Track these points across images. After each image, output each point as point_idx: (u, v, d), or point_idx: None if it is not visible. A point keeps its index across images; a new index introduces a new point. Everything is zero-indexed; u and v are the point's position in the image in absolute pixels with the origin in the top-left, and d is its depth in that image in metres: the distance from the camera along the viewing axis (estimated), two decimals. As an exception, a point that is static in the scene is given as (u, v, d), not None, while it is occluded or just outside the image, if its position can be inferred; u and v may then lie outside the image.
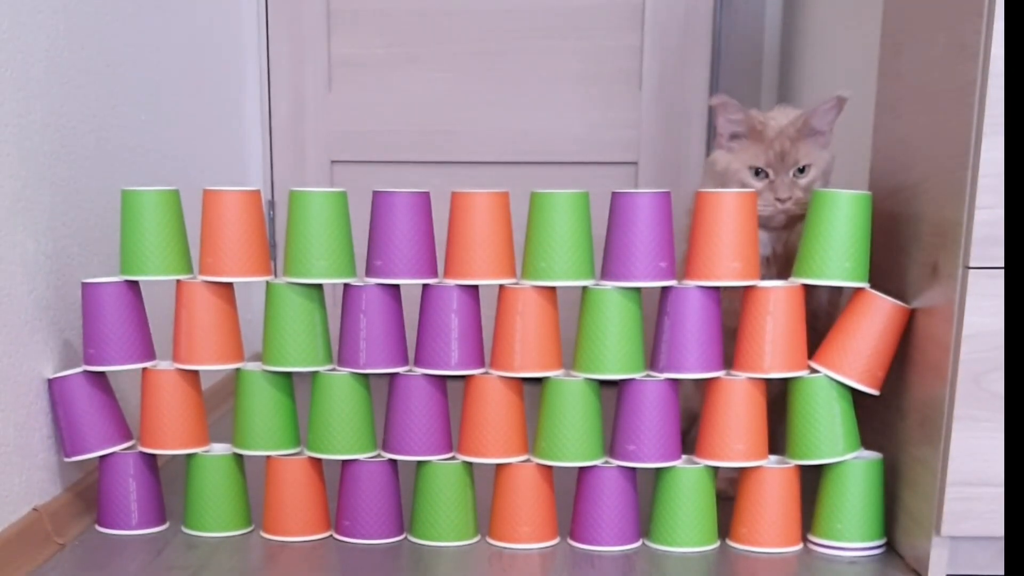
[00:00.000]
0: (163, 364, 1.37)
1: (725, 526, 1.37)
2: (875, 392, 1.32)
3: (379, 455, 1.35)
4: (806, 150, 1.42)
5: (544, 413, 1.32)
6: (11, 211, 1.24)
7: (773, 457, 1.35)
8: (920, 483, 1.25)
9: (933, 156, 1.24)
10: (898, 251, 1.34)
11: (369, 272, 1.32)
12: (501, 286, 1.31)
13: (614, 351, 1.29)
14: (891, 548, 1.34)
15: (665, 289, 1.31)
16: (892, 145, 1.39)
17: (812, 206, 1.31)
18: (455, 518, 1.34)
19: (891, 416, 1.35)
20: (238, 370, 1.36)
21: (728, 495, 1.43)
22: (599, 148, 2.28)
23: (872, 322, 1.29)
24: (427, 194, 1.31)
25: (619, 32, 2.24)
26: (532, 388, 1.34)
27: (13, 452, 1.25)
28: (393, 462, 1.35)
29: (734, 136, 1.46)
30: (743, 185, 1.43)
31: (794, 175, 1.42)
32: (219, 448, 1.39)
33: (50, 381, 1.33)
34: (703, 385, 1.35)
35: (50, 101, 1.35)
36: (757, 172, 1.43)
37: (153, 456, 1.38)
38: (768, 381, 1.33)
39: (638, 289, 1.29)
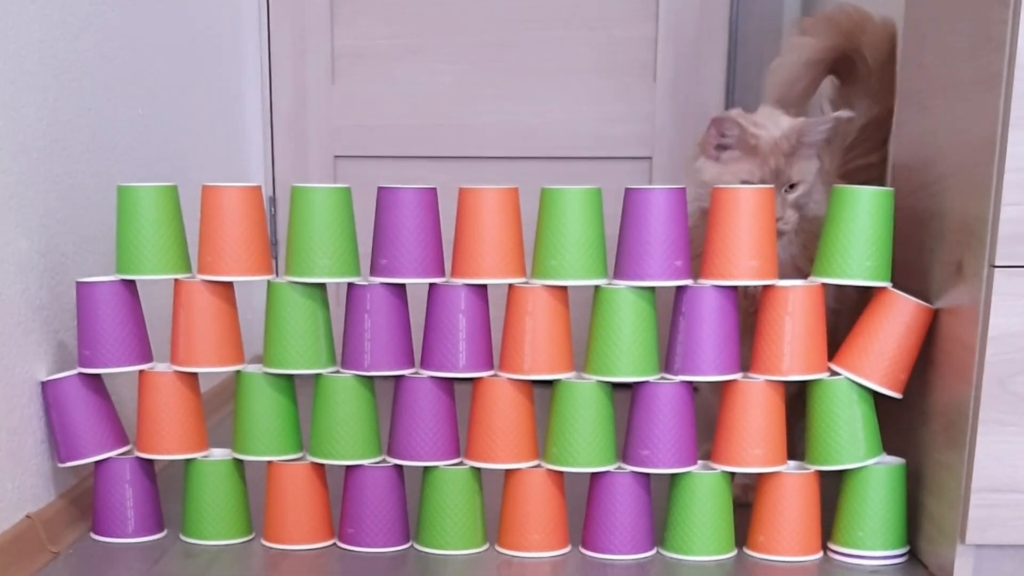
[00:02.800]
0: (161, 366, 1.37)
1: (742, 534, 1.36)
2: (897, 395, 1.30)
3: (384, 460, 1.35)
4: (799, 168, 1.41)
5: (555, 417, 1.32)
6: (4, 208, 1.24)
7: (792, 462, 1.34)
8: (944, 489, 1.24)
9: (957, 151, 1.23)
10: (921, 249, 1.33)
11: (374, 271, 1.31)
12: (510, 285, 1.31)
13: (627, 352, 1.28)
14: (914, 556, 1.33)
15: (680, 288, 1.30)
16: (915, 140, 1.38)
17: (833, 203, 1.30)
18: (463, 526, 1.33)
19: (914, 420, 1.34)
20: (238, 372, 1.36)
21: (742, 501, 1.42)
22: (612, 143, 2.26)
23: (894, 323, 1.28)
24: (434, 190, 1.31)
25: (633, 22, 2.22)
26: (542, 391, 1.34)
27: (5, 457, 1.24)
28: (399, 468, 1.35)
29: (723, 147, 1.44)
30: None
31: (784, 191, 1.41)
32: (219, 453, 1.39)
33: (44, 384, 1.33)
34: (719, 388, 1.34)
35: (44, 94, 1.34)
36: None
37: (150, 461, 1.38)
38: (786, 383, 1.32)
39: (652, 288, 1.29)
